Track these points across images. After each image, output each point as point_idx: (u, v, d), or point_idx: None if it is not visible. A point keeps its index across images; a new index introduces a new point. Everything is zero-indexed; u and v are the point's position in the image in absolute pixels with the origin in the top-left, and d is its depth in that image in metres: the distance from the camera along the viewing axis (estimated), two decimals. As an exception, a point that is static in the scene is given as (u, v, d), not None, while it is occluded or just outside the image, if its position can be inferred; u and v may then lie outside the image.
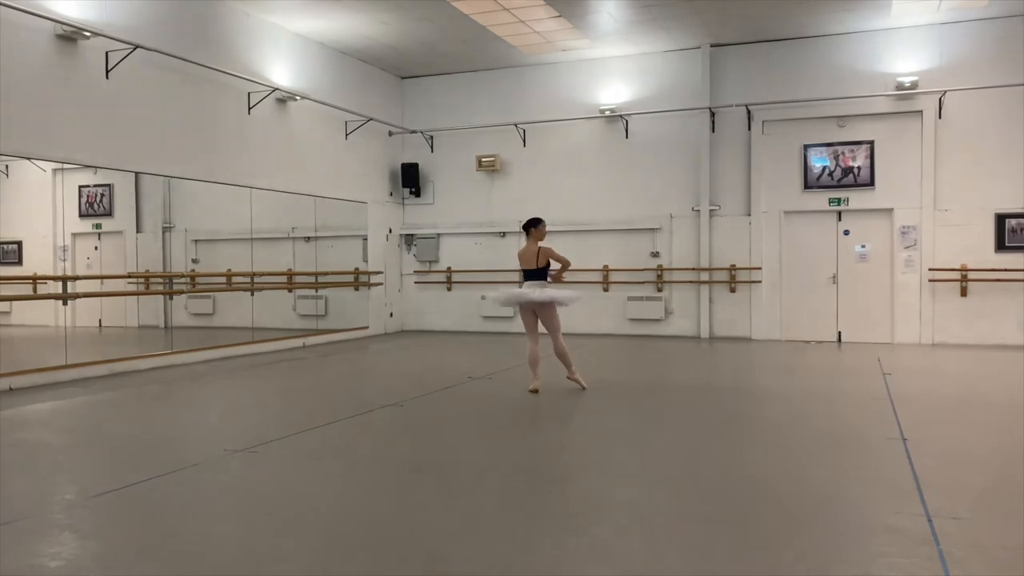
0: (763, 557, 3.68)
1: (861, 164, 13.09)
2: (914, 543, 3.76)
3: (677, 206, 14.19)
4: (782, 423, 6.79)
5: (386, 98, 15.48)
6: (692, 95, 13.92)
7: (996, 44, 12.30)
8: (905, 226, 12.87)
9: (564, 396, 8.20)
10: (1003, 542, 3.80)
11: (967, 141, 12.53)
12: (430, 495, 4.71)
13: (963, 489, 4.70)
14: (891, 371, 9.62)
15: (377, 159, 15.38)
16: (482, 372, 9.81)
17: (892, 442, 5.84)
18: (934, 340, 12.68)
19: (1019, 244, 12.25)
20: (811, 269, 13.50)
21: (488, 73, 15.26)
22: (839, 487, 4.79)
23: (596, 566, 3.55)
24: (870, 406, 7.40)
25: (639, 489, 4.80)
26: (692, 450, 5.86)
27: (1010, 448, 5.84)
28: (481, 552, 3.75)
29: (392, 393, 8.31)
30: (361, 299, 14.95)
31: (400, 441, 6.37)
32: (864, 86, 12.96)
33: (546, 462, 5.52)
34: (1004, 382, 9.14)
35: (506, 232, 15.25)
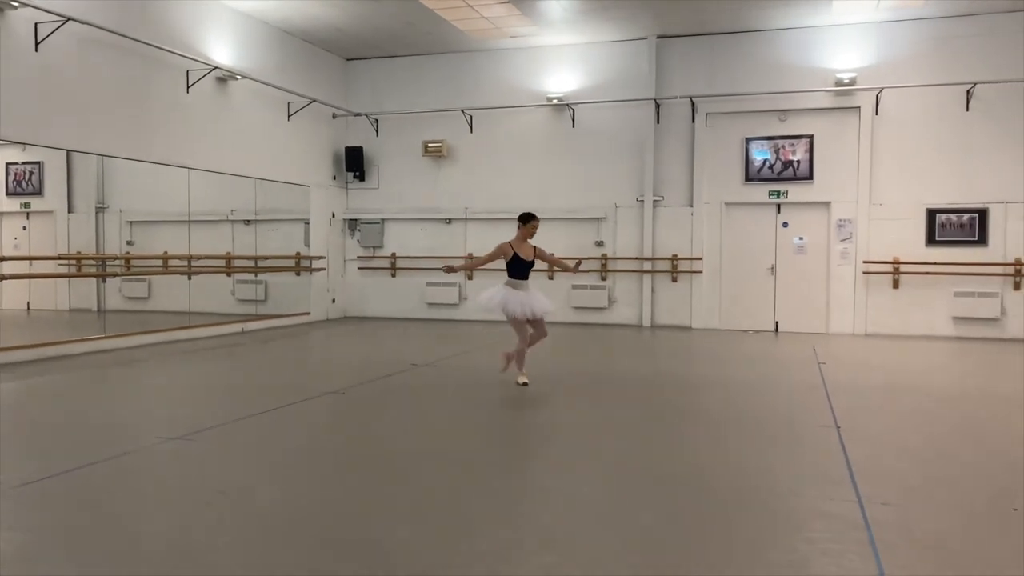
0: (698, 544, 3.74)
1: (800, 158, 13.36)
2: (846, 528, 3.86)
3: (622, 196, 14.29)
4: (720, 412, 6.91)
5: (330, 80, 15.21)
6: (638, 86, 14.01)
7: (931, 44, 12.66)
8: (841, 219, 13.20)
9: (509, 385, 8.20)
10: (930, 526, 3.93)
11: (902, 137, 12.89)
12: (371, 483, 4.66)
13: (893, 476, 4.85)
14: (826, 360, 9.87)
15: (320, 142, 15.12)
16: (426, 359, 9.75)
17: (826, 430, 6.00)
18: (867, 330, 13.06)
19: (948, 239, 12.67)
20: (750, 260, 13.75)
21: (435, 57, 15.12)
22: (775, 475, 4.89)
23: (539, 553, 3.56)
24: (805, 395, 7.58)
25: (580, 478, 4.83)
26: (632, 439, 5.92)
27: (938, 435, 6.05)
28: (423, 540, 3.72)
29: (333, 380, 8.20)
30: (303, 284, 14.71)
31: (341, 429, 6.29)
32: (805, 81, 13.21)
33: (489, 450, 5.52)
34: (933, 372, 9.47)
35: (452, 219, 15.17)
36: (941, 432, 6.18)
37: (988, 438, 5.95)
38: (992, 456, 5.38)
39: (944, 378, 9.03)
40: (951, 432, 6.18)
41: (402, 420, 6.56)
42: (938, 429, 6.29)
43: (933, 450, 5.60)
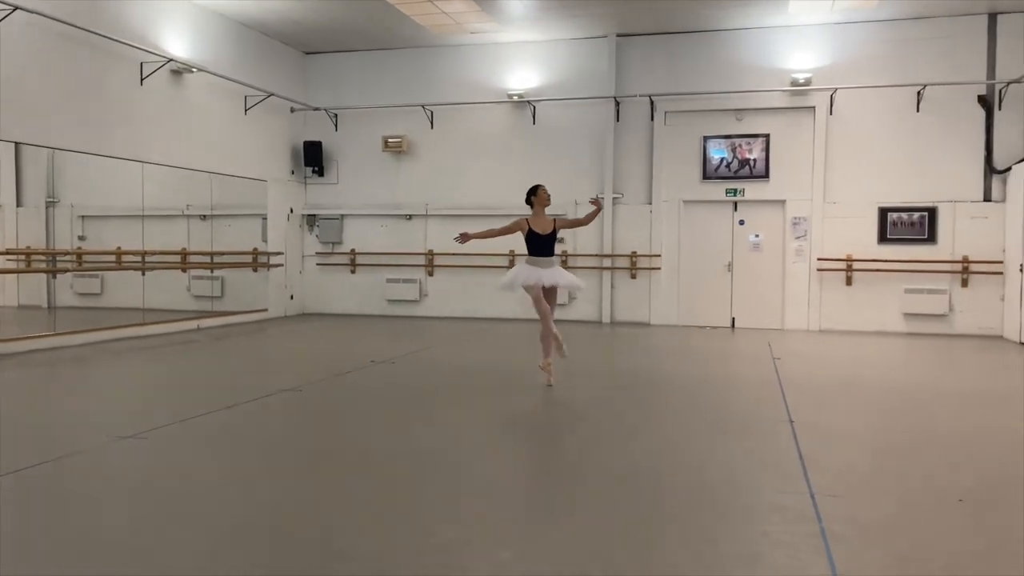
0: (653, 539, 3.78)
1: (757, 157, 13.56)
2: (798, 520, 3.93)
3: (582, 193, 14.32)
4: (676, 407, 6.99)
5: (289, 73, 15.03)
6: (598, 84, 14.09)
7: (884, 45, 12.93)
8: (796, 217, 13.43)
9: (468, 381, 8.21)
10: (879, 518, 4.03)
11: (855, 137, 13.15)
12: (327, 481, 4.63)
13: (844, 468, 4.96)
14: (780, 356, 10.04)
15: (278, 136, 14.94)
16: (385, 356, 9.70)
17: (780, 424, 6.10)
18: (821, 326, 13.31)
19: (900, 237, 12.97)
20: (708, 257, 13.92)
21: (395, 52, 15.02)
22: (729, 469, 4.97)
23: (495, 550, 3.57)
24: (760, 390, 7.70)
25: (537, 474, 4.86)
26: (589, 434, 5.96)
27: (888, 429, 6.20)
28: (379, 537, 3.71)
29: (290, 377, 8.12)
30: (260, 281, 14.52)
31: (297, 427, 6.23)
32: (761, 81, 13.40)
33: (446, 446, 5.51)
34: (884, 367, 9.69)
35: (412, 215, 15.10)
36: (890, 425, 6.33)
37: (935, 431, 6.11)
38: (938, 449, 5.53)
39: (894, 373, 9.24)
40: (900, 425, 6.33)
41: (359, 417, 6.53)
42: (887, 422, 6.44)
43: (882, 443, 5.73)
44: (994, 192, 12.66)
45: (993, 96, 12.58)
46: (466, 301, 14.84)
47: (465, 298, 14.85)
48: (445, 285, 15.04)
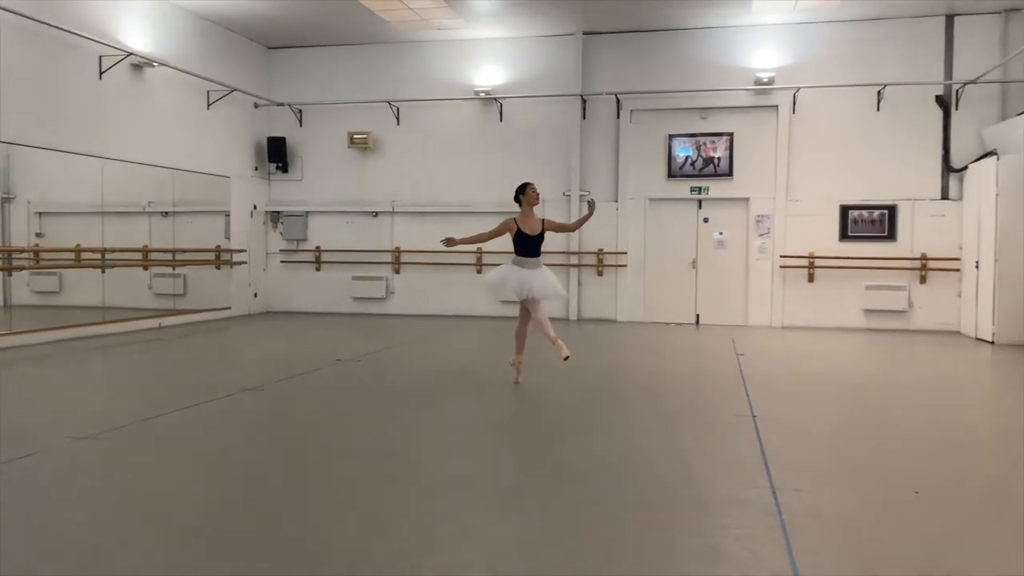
0: (615, 534, 3.80)
1: (721, 155, 13.69)
2: (759, 514, 3.98)
3: (549, 190, 14.30)
4: (641, 402, 7.03)
5: (252, 69, 14.85)
6: (565, 81, 14.11)
7: (846, 45, 13.12)
8: (760, 215, 13.58)
9: (432, 378, 8.19)
10: (839, 511, 4.09)
11: (817, 136, 13.34)
12: (290, 481, 4.59)
13: (805, 463, 5.03)
14: (744, 352, 10.16)
15: (241, 132, 14.75)
16: (350, 355, 9.64)
17: (742, 419, 6.17)
18: (783, 323, 13.48)
19: (860, 234, 13.18)
20: (673, 254, 14.03)
21: (361, 48, 14.91)
22: (692, 464, 5.01)
23: (461, 547, 3.57)
24: (723, 385, 7.79)
25: (503, 471, 4.86)
26: (552, 430, 5.98)
27: (848, 423, 6.30)
28: (342, 536, 3.68)
29: (254, 376, 8.03)
30: (223, 278, 14.34)
31: (260, 426, 6.16)
32: (725, 80, 13.53)
33: (410, 444, 5.49)
34: (845, 362, 9.84)
35: (379, 212, 15.02)
36: (850, 419, 6.43)
37: (893, 425, 6.22)
38: (897, 442, 5.63)
39: (855, 368, 9.39)
40: (860, 419, 6.43)
41: (323, 416, 6.47)
42: (848, 416, 6.54)
43: (843, 437, 5.82)
44: (951, 190, 12.93)
45: (950, 96, 12.84)
46: (434, 298, 14.79)
47: (433, 295, 14.81)
48: (412, 282, 14.98)
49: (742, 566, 3.37)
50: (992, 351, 10.74)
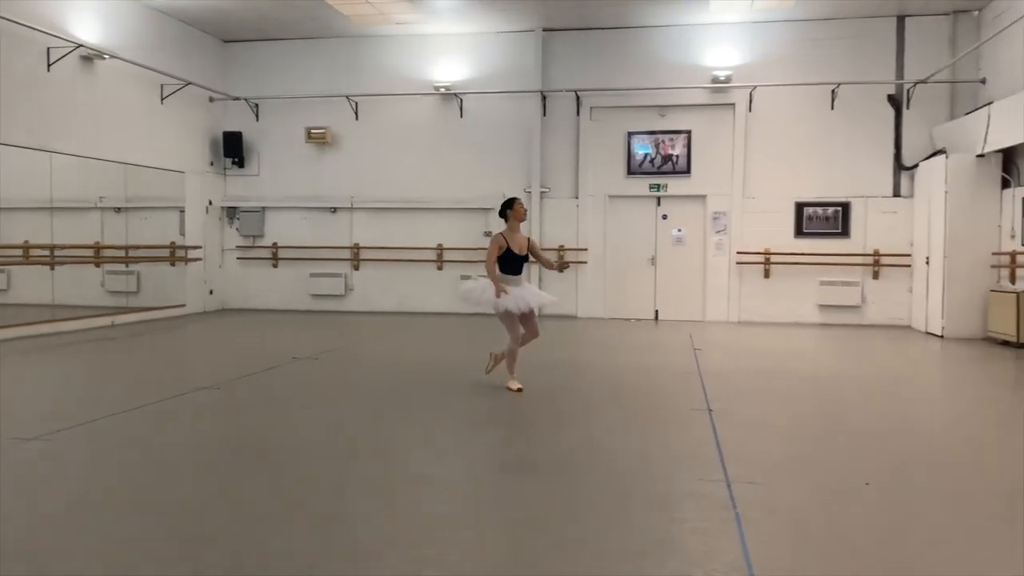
0: (573, 529, 3.81)
1: (679, 152, 13.81)
2: (714, 508, 4.02)
3: (510, 186, 14.34)
4: (600, 398, 7.06)
5: (207, 62, 14.59)
6: (525, 78, 14.11)
7: (801, 44, 13.32)
8: (717, 212, 13.74)
9: (390, 376, 8.14)
10: (792, 504, 4.15)
11: (773, 134, 13.52)
12: (245, 480, 4.53)
13: (760, 456, 5.09)
14: (701, 347, 10.27)
15: (197, 126, 14.49)
16: (308, 352, 9.53)
17: (699, 413, 6.24)
18: (740, 318, 13.66)
19: (815, 231, 13.40)
20: (632, 251, 14.12)
21: (319, 42, 14.75)
22: (649, 458, 5.05)
23: (418, 544, 3.55)
24: (681, 380, 7.86)
25: (460, 467, 4.84)
26: (511, 426, 5.98)
27: (802, 416, 6.39)
28: (298, 535, 3.64)
29: (208, 375, 7.90)
30: (178, 275, 14.08)
31: (215, 426, 6.06)
32: (684, 78, 13.64)
33: (368, 442, 5.44)
34: (800, 357, 10.00)
35: (337, 208, 14.87)
36: (804, 413, 6.53)
37: (845, 418, 6.33)
38: (848, 435, 5.73)
39: (809, 362, 9.55)
40: (813, 413, 6.53)
41: (279, 415, 6.39)
42: (802, 410, 6.64)
43: (796, 430, 5.91)
44: (903, 188, 13.20)
45: (902, 96, 13.11)
46: (393, 295, 14.70)
47: (392, 292, 14.72)
48: (371, 279, 14.86)
49: (697, 559, 3.40)
50: (941, 345, 11.00)
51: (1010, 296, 10.55)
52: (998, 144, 10.77)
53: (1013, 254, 10.83)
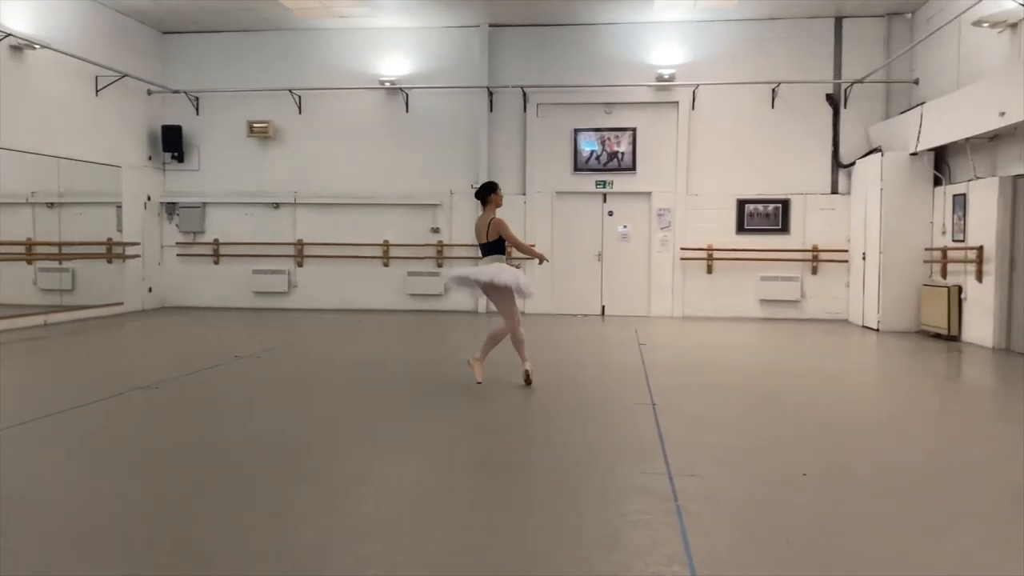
0: (517, 525, 3.82)
1: (625, 150, 13.94)
2: (656, 500, 4.07)
3: (457, 183, 14.33)
4: (546, 393, 7.08)
5: (145, 54, 14.21)
6: (471, 73, 14.07)
7: (743, 44, 13.55)
8: (661, 209, 13.90)
9: (334, 374, 8.05)
10: (731, 495, 4.22)
11: (715, 132, 13.73)
12: (185, 481, 4.42)
13: (702, 448, 5.17)
14: (646, 342, 10.38)
15: (134, 120, 14.10)
16: (250, 351, 9.36)
17: (643, 407, 6.30)
18: (684, 313, 13.86)
19: (756, 227, 13.67)
20: (579, 247, 14.21)
21: (260, 34, 14.48)
22: (593, 453, 5.08)
23: (361, 543, 3.51)
24: (625, 374, 7.94)
25: (404, 466, 4.81)
26: (457, 423, 5.96)
27: (743, 409, 6.51)
28: (239, 536, 3.57)
29: (147, 374, 7.70)
30: (115, 273, 13.69)
31: (153, 427, 5.91)
32: (629, 76, 13.77)
33: (310, 440, 5.37)
34: (741, 351, 10.18)
35: (280, 203, 14.64)
36: (745, 406, 6.65)
37: (785, 411, 6.46)
38: (787, 427, 5.86)
39: (750, 356, 9.72)
40: (754, 406, 6.66)
41: (220, 415, 6.26)
42: (742, 403, 6.76)
43: (737, 423, 6.01)
44: (840, 185, 13.54)
45: (839, 95, 13.43)
46: (338, 292, 14.54)
47: (337, 289, 14.55)
48: (316, 276, 14.67)
49: (639, 551, 3.44)
50: (877, 338, 11.32)
51: (941, 290, 10.91)
52: (930, 143, 11.12)
53: (944, 250, 11.20)
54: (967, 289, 10.65)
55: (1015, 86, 8.84)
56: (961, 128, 10.22)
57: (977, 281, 10.36)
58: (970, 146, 10.50)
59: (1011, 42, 9.71)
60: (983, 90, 9.68)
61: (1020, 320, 9.57)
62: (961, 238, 10.80)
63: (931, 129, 11.00)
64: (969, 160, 10.61)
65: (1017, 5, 9.13)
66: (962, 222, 10.80)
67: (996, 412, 6.92)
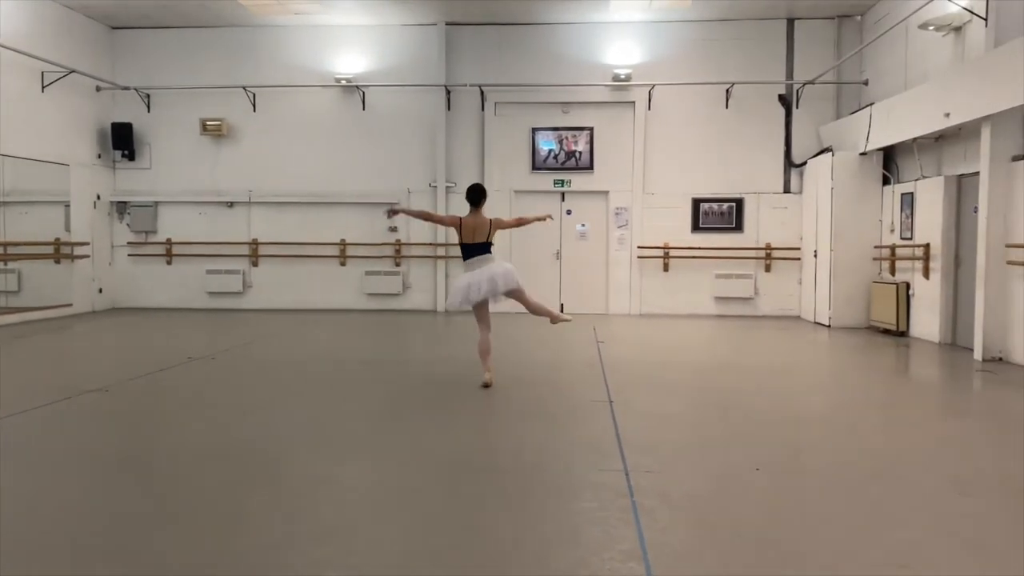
0: (475, 525, 3.82)
1: (582, 149, 14.02)
2: (612, 497, 4.11)
3: (415, 181, 14.28)
4: (505, 391, 7.09)
5: (93, 49, 13.89)
6: (429, 71, 14.02)
7: (697, 44, 13.72)
8: (618, 207, 14.02)
9: (289, 375, 7.97)
10: (685, 491, 4.27)
11: (671, 131, 13.88)
12: (134, 486, 4.34)
13: (658, 445, 5.23)
14: (604, 340, 10.46)
15: (82, 117, 13.77)
16: (204, 352, 9.22)
17: (600, 405, 6.35)
18: (642, 311, 13.99)
19: (711, 226, 13.86)
20: (538, 246, 14.23)
21: (213, 30, 14.25)
22: (551, 450, 5.11)
23: (319, 546, 3.48)
24: (584, 372, 8.00)
25: (361, 466, 4.78)
26: (415, 423, 5.94)
27: (698, 405, 6.60)
28: (193, 540, 3.52)
29: (97, 377, 7.53)
30: (63, 273, 13.36)
31: (104, 431, 5.78)
32: (586, 75, 13.85)
33: (268, 443, 5.31)
34: (697, 347, 10.32)
35: (234, 202, 14.43)
36: (700, 402, 6.74)
37: (738, 406, 6.55)
38: (741, 422, 5.95)
39: (706, 353, 9.86)
40: (708, 402, 6.75)
41: (174, 417, 6.15)
42: (698, 399, 6.85)
43: (692, 418, 6.10)
44: (793, 184, 13.79)
45: (791, 96, 13.67)
46: (294, 292, 14.38)
47: (293, 289, 14.39)
48: (271, 276, 14.49)
49: (595, 548, 3.47)
50: (829, 334, 11.55)
51: (890, 287, 11.18)
52: (879, 143, 11.38)
53: (893, 247, 11.47)
54: (915, 286, 10.93)
55: (959, 88, 9.10)
56: (908, 128, 10.48)
57: (924, 278, 10.64)
58: (917, 146, 10.77)
59: (955, 45, 9.98)
60: (929, 92, 9.93)
61: (965, 316, 9.85)
62: (909, 236, 11.08)
63: (880, 129, 11.26)
64: (916, 160, 10.88)
65: (961, 9, 9.39)
66: (910, 220, 11.08)
67: (941, 405, 7.13)
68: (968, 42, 9.65)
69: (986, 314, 8.84)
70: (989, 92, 8.46)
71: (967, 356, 9.23)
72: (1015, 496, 4.22)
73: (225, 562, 3.31)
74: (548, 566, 3.30)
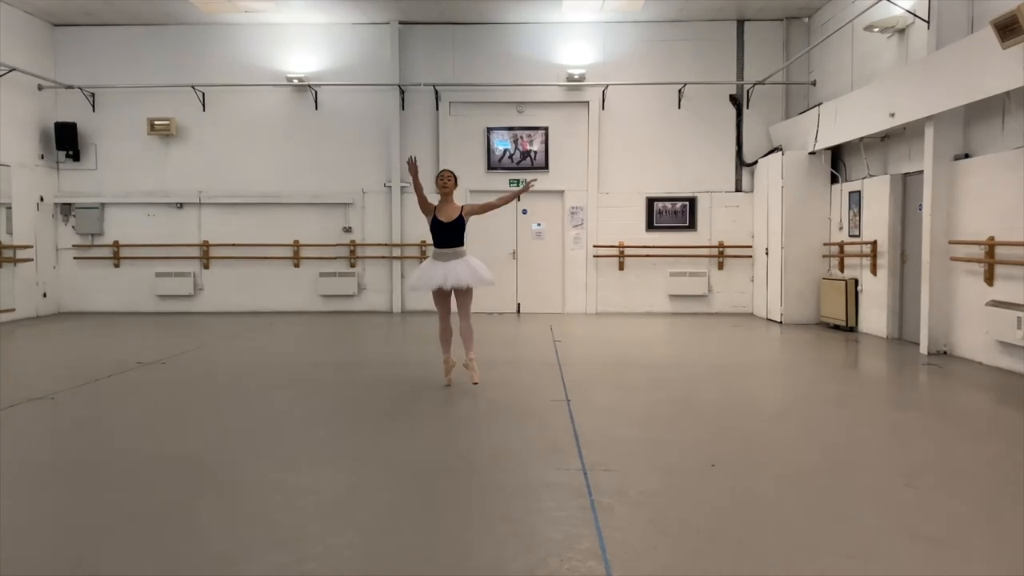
0: (431, 526, 3.80)
1: (537, 148, 14.05)
2: (570, 495, 4.12)
3: (369, 181, 14.17)
4: (463, 391, 7.07)
5: (34, 47, 13.50)
6: (382, 71, 13.92)
7: (650, 45, 13.85)
8: (574, 207, 14.08)
9: (242, 379, 7.84)
10: (643, 488, 4.30)
11: (625, 131, 13.99)
12: (82, 496, 4.22)
13: (615, 443, 5.25)
14: (561, 339, 10.50)
15: (23, 116, 13.37)
16: (154, 357, 9.02)
17: (557, 404, 6.37)
18: (598, 309, 14.07)
19: (665, 224, 14.00)
20: (494, 245, 14.20)
21: (161, 28, 13.95)
22: (508, 450, 5.11)
23: (272, 552, 3.43)
24: (541, 371, 8.01)
25: (316, 471, 4.72)
26: (371, 426, 5.89)
27: (654, 403, 6.65)
28: (145, 549, 3.43)
29: (42, 385, 7.32)
30: (5, 277, 12.94)
31: (50, 439, 5.62)
32: (540, 75, 13.88)
33: (221, 449, 5.21)
34: (653, 345, 10.41)
35: (184, 203, 14.15)
36: (656, 399, 6.79)
37: (694, 402, 6.64)
38: (697, 418, 6.02)
39: (661, 350, 9.96)
40: (664, 399, 6.81)
41: (124, 424, 6.00)
42: (654, 396, 6.91)
43: (649, 416, 6.14)
44: (744, 183, 14.00)
45: (742, 96, 13.88)
46: (247, 295, 14.16)
47: (246, 291, 14.17)
48: (223, 278, 14.25)
49: (554, 548, 3.47)
50: (780, 330, 11.75)
51: (839, 283, 11.41)
52: (827, 142, 11.61)
53: (842, 244, 11.71)
54: (863, 282, 11.18)
55: (903, 89, 9.33)
56: (855, 128, 10.72)
57: (872, 274, 10.88)
58: (864, 145, 11.01)
59: (900, 47, 10.23)
60: (874, 92, 10.16)
61: (911, 311, 10.10)
62: (857, 233, 11.32)
63: (828, 129, 11.49)
64: (863, 159, 11.12)
65: (904, 11, 9.62)
66: (857, 218, 11.33)
67: (888, 399, 7.30)
68: (912, 44, 9.90)
69: (931, 309, 9.08)
70: (932, 93, 8.69)
71: (913, 350, 9.47)
72: (960, 487, 4.34)
73: (177, 572, 3.24)
74: (507, 567, 3.30)
